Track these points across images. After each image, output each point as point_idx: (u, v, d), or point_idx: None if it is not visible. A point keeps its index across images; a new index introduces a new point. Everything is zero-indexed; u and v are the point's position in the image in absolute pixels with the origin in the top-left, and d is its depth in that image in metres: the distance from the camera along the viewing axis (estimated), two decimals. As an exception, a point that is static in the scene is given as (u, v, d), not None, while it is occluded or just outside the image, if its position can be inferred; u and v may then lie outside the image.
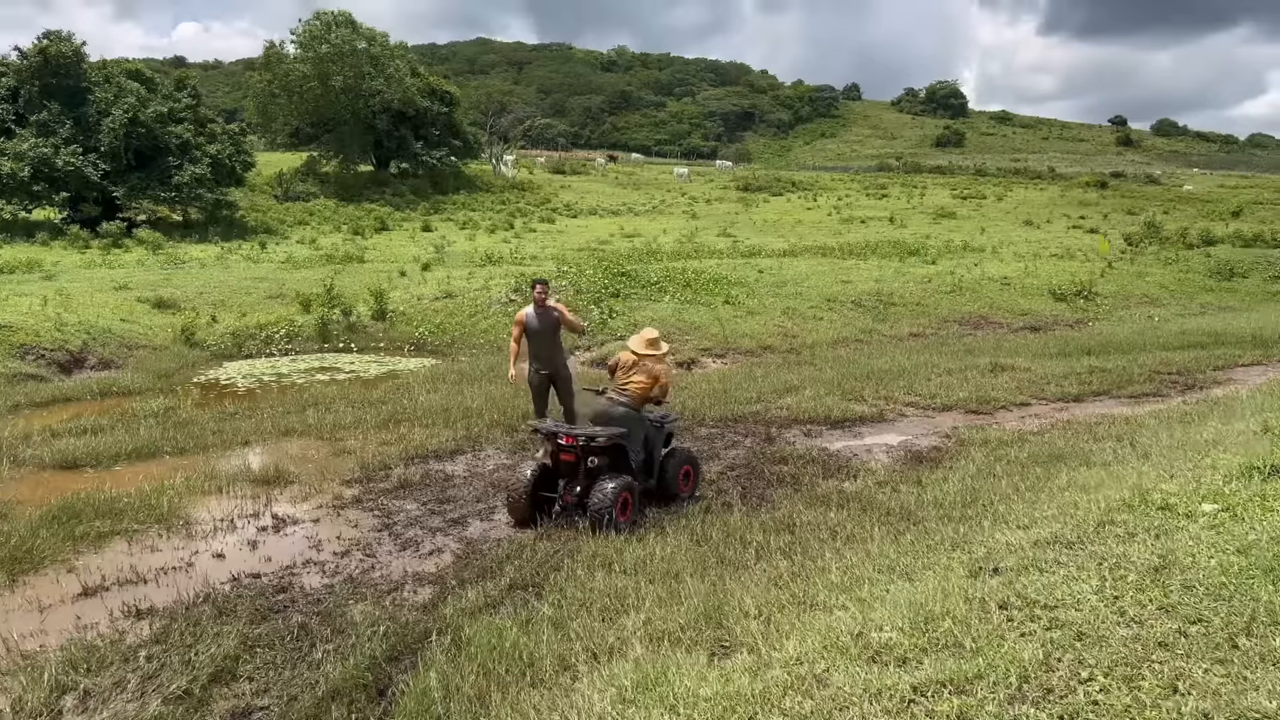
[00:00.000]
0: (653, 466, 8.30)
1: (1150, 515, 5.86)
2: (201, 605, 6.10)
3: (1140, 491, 6.52)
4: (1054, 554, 5.41)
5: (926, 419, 11.89)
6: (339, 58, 57.92)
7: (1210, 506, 5.87)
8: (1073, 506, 6.67)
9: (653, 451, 8.29)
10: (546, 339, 9.95)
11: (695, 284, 21.83)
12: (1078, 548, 5.45)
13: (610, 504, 7.38)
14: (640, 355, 8.26)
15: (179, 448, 10.67)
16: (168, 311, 21.77)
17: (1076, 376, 14.31)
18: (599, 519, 7.33)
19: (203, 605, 6.10)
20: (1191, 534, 5.35)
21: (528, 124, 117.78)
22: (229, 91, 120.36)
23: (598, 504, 7.39)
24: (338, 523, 8.01)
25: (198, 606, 6.08)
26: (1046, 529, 6.03)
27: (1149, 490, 6.49)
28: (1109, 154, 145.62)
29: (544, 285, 10.08)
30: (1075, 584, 4.73)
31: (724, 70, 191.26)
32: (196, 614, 5.93)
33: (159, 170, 41.18)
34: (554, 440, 7.90)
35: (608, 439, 7.68)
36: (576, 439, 7.72)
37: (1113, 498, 6.61)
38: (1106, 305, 23.99)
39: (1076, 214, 59.23)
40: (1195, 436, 9.24)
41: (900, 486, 8.32)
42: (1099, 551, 5.26)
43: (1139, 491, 6.54)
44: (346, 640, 5.48)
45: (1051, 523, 6.31)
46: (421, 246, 37.79)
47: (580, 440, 7.70)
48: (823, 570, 5.94)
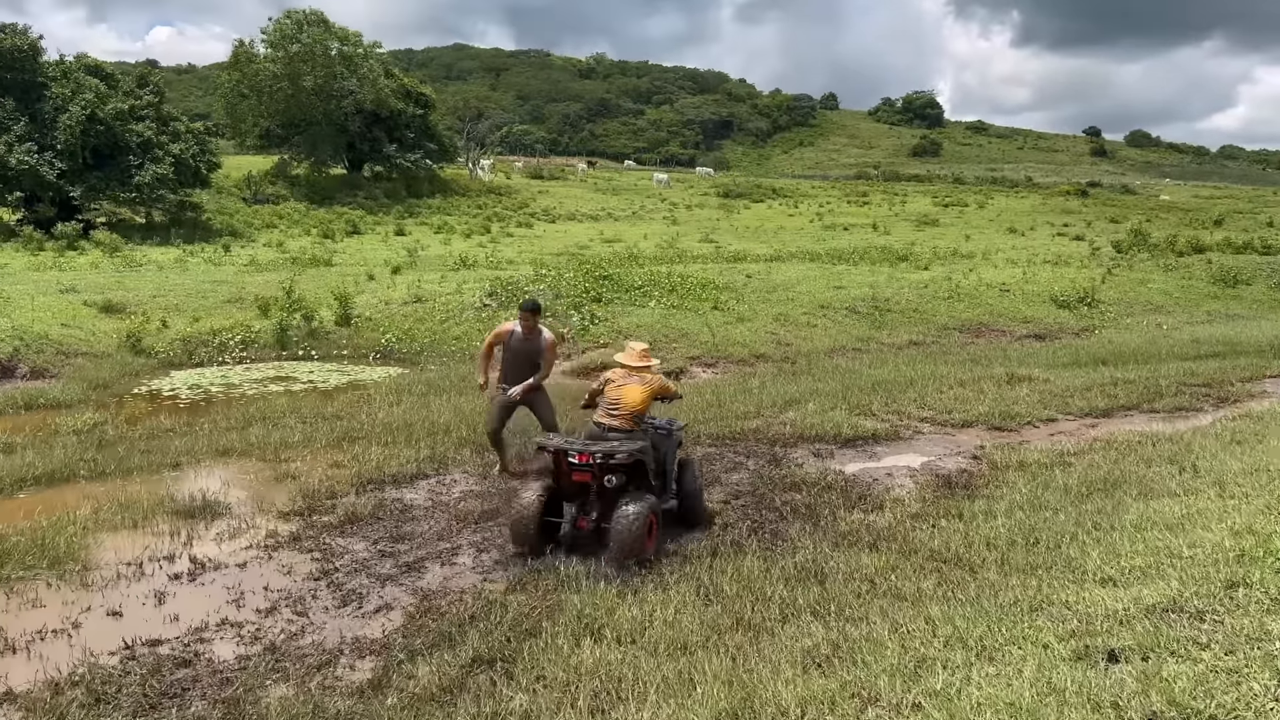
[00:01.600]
0: (667, 482, 7.22)
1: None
2: (74, 689, 4.74)
3: (1256, 536, 5.28)
4: (1183, 629, 4.15)
5: (946, 437, 10.65)
6: (310, 57, 56.24)
7: (1362, 561, 4.65)
8: (1169, 555, 5.43)
9: (666, 464, 7.22)
10: (524, 364, 8.96)
11: (681, 289, 20.57)
12: (1212, 620, 4.20)
13: (639, 531, 6.37)
14: (634, 369, 7.30)
15: (98, 471, 9.26)
16: (115, 316, 20.24)
17: (1100, 389, 13.14)
18: (627, 551, 6.32)
19: (75, 689, 4.74)
20: (1360, 602, 4.13)
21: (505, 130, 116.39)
22: (202, 95, 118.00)
23: (623, 533, 6.35)
24: (267, 568, 6.64)
25: (68, 691, 4.72)
26: (1154, 589, 4.78)
27: (1267, 535, 5.26)
28: (1084, 164, 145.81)
29: (535, 313, 8.89)
30: (1242, 683, 3.48)
31: (702, 79, 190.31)
32: (63, 704, 4.56)
33: (119, 170, 39.42)
34: (564, 458, 6.75)
35: (629, 455, 6.61)
36: (592, 455, 6.62)
37: (1218, 543, 5.38)
38: (1111, 313, 22.93)
39: (1060, 221, 58.60)
40: (1267, 460, 8.04)
41: (939, 521, 7.05)
42: (1246, 628, 4.00)
43: (1254, 536, 5.31)
44: (253, 746, 4.14)
45: (1152, 578, 5.05)
46: (394, 250, 36.33)
47: (597, 457, 6.61)
48: (873, 644, 4.65)
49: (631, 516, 6.38)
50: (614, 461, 6.60)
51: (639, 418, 7.14)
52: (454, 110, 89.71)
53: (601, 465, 6.62)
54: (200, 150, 43.25)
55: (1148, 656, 3.88)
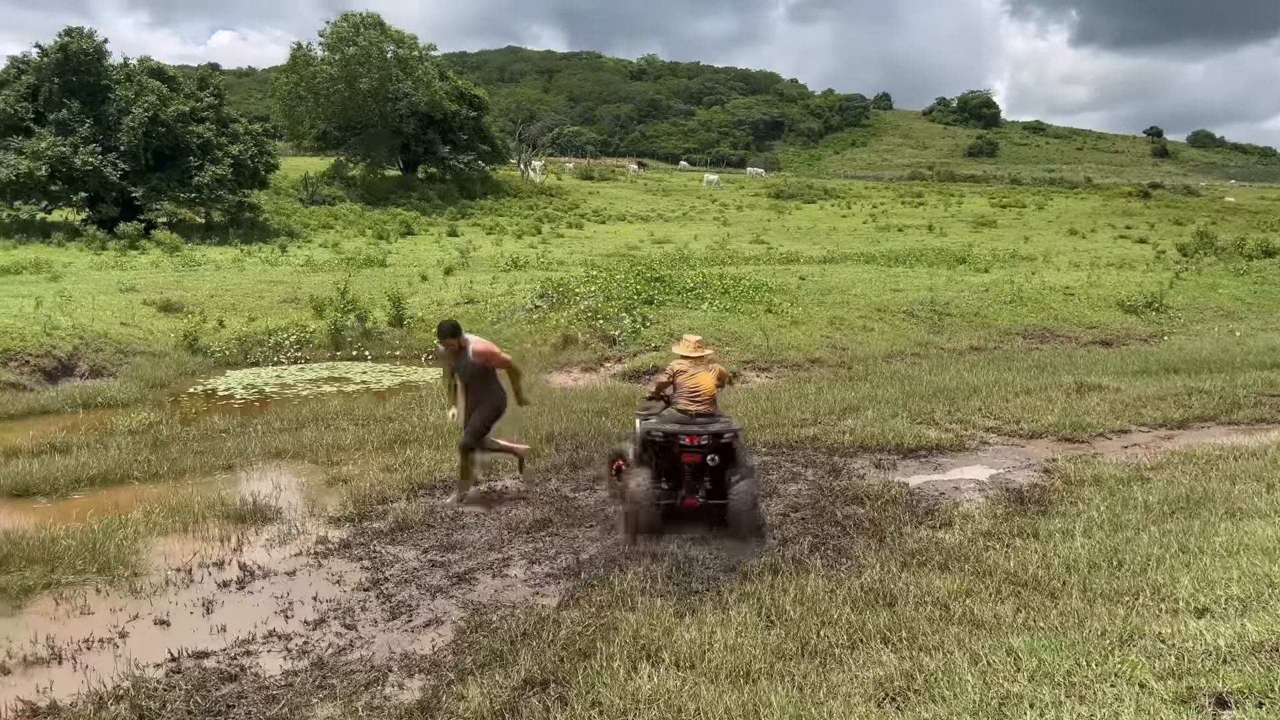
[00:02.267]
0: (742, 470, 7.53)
1: None
2: (118, 704, 4.61)
3: (1370, 567, 4.90)
4: (1298, 671, 3.81)
5: (1015, 448, 10.24)
6: (366, 60, 56.84)
7: None
8: (1270, 584, 5.06)
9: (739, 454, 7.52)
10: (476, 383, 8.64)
11: (734, 291, 20.24)
12: (1332, 662, 3.85)
13: (754, 501, 7.02)
14: (695, 359, 7.70)
15: (151, 472, 9.24)
16: (173, 315, 20.50)
17: (1174, 398, 12.59)
18: (748, 525, 6.94)
19: (119, 704, 4.61)
20: None
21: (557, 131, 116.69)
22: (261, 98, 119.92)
23: (740, 507, 6.94)
24: (317, 576, 6.50)
25: (112, 705, 4.59)
26: (1259, 624, 4.42)
27: (1382, 566, 4.88)
28: (1145, 165, 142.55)
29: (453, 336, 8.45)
30: (1377, 739, 3.14)
31: (753, 79, 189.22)
32: (108, 718, 4.43)
33: (179, 170, 40.19)
34: (675, 441, 7.25)
35: (735, 434, 7.26)
36: (700, 437, 7.19)
37: (1326, 573, 5.00)
38: (1180, 318, 22.15)
39: (1122, 224, 57.23)
40: (1365, 479, 7.58)
41: (1013, 540, 6.70)
42: (1372, 672, 3.65)
43: (1367, 567, 4.92)
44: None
45: (1254, 610, 4.69)
46: (446, 251, 36.52)
47: (704, 438, 7.18)
48: (951, 676, 4.35)
49: (746, 491, 6.95)
50: (722, 441, 7.16)
51: (715, 401, 7.56)
52: (506, 112, 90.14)
53: (709, 445, 7.12)
54: (258, 151, 43.90)
55: (1262, 703, 3.55)
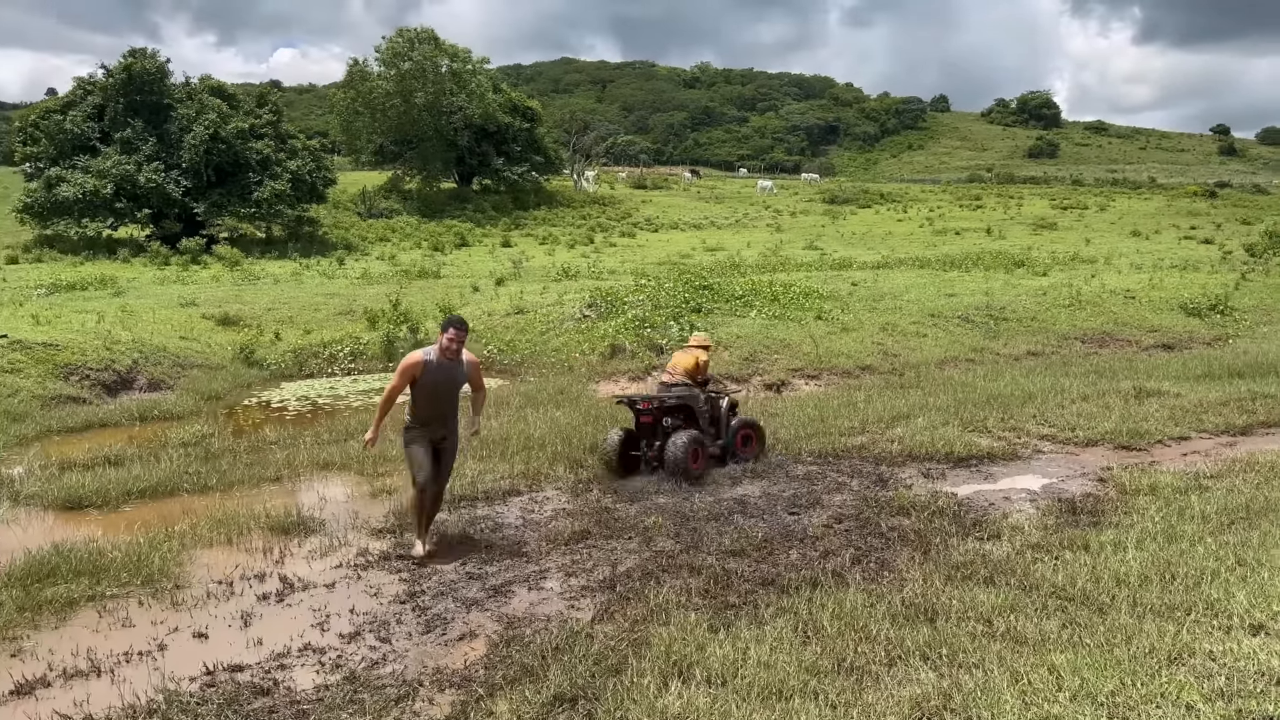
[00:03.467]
0: (720, 429, 9.70)
1: None
2: (150, 718, 4.65)
3: None
4: (1358, 695, 3.60)
5: (1069, 456, 9.96)
6: (421, 74, 57.58)
7: None
8: (1332, 600, 4.81)
9: (718, 417, 9.72)
10: (448, 397, 7.44)
11: (783, 298, 20.08)
12: (1394, 686, 3.64)
13: (683, 454, 8.90)
14: (688, 346, 10.20)
15: (201, 484, 9.40)
16: (231, 328, 20.94)
17: (1237, 403, 12.17)
18: (676, 469, 8.88)
19: (152, 718, 4.65)
20: None
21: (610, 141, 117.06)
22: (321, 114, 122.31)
23: (672, 455, 8.93)
24: (355, 589, 6.53)
25: (145, 719, 4.64)
26: (1319, 643, 4.21)
27: None
28: (1212, 163, 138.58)
29: (461, 331, 7.29)
30: None
31: (808, 84, 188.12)
32: (139, 732, 4.48)
33: (239, 186, 41.06)
34: (633, 406, 9.49)
35: (676, 399, 9.39)
36: (651, 403, 9.37)
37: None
38: (1246, 321, 21.46)
39: (1186, 224, 55.64)
40: None
41: (1062, 553, 6.48)
42: None
43: None
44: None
45: (1315, 628, 4.47)
46: (500, 262, 36.78)
47: (654, 404, 9.37)
48: (990, 696, 4.20)
49: (679, 443, 8.94)
50: (667, 405, 9.35)
51: (691, 376, 9.68)
52: (560, 123, 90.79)
53: (659, 409, 9.31)
54: (316, 166, 44.68)
55: (1317, 729, 3.36)
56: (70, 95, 42.27)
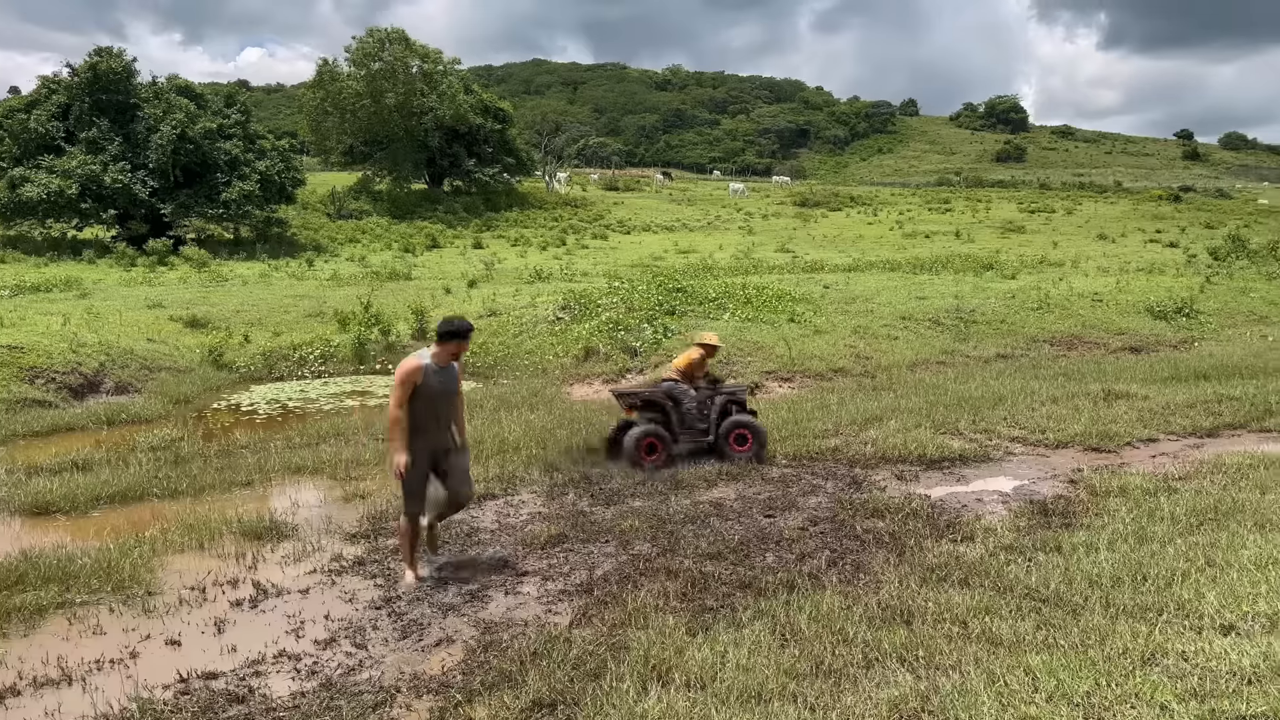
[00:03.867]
0: (709, 427, 9.92)
1: None
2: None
3: (1404, 583, 4.74)
4: (1327, 694, 3.67)
5: (1040, 458, 10.08)
6: (391, 75, 57.25)
7: None
8: (1300, 600, 4.90)
9: (708, 415, 9.94)
10: (449, 402, 6.87)
11: (756, 301, 20.14)
12: (1362, 684, 3.71)
13: (632, 447, 9.47)
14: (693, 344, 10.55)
15: (170, 489, 9.27)
16: (200, 331, 20.67)
17: (1204, 406, 12.37)
18: (627, 459, 9.46)
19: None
20: None
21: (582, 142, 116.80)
22: (289, 114, 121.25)
23: (625, 447, 9.54)
24: (330, 595, 6.47)
25: (118, 728, 4.58)
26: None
27: None
28: (1176, 168, 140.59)
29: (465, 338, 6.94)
30: None
31: (779, 87, 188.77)
32: (112, 741, 4.42)
33: (207, 187, 40.56)
34: (617, 399, 10.23)
35: (648, 395, 10.00)
36: (625, 398, 10.05)
37: (1358, 589, 4.84)
38: (1211, 324, 21.79)
39: (1152, 228, 56.43)
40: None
41: (1035, 554, 6.56)
42: (1404, 695, 3.51)
43: (1401, 583, 4.76)
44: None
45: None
46: (472, 263, 36.62)
47: (628, 399, 10.02)
48: (967, 698, 4.24)
49: (632, 436, 9.52)
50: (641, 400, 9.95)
51: (683, 373, 10.13)
52: (531, 124, 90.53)
53: (634, 403, 9.94)
54: (286, 167, 44.22)
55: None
56: (35, 94, 41.57)
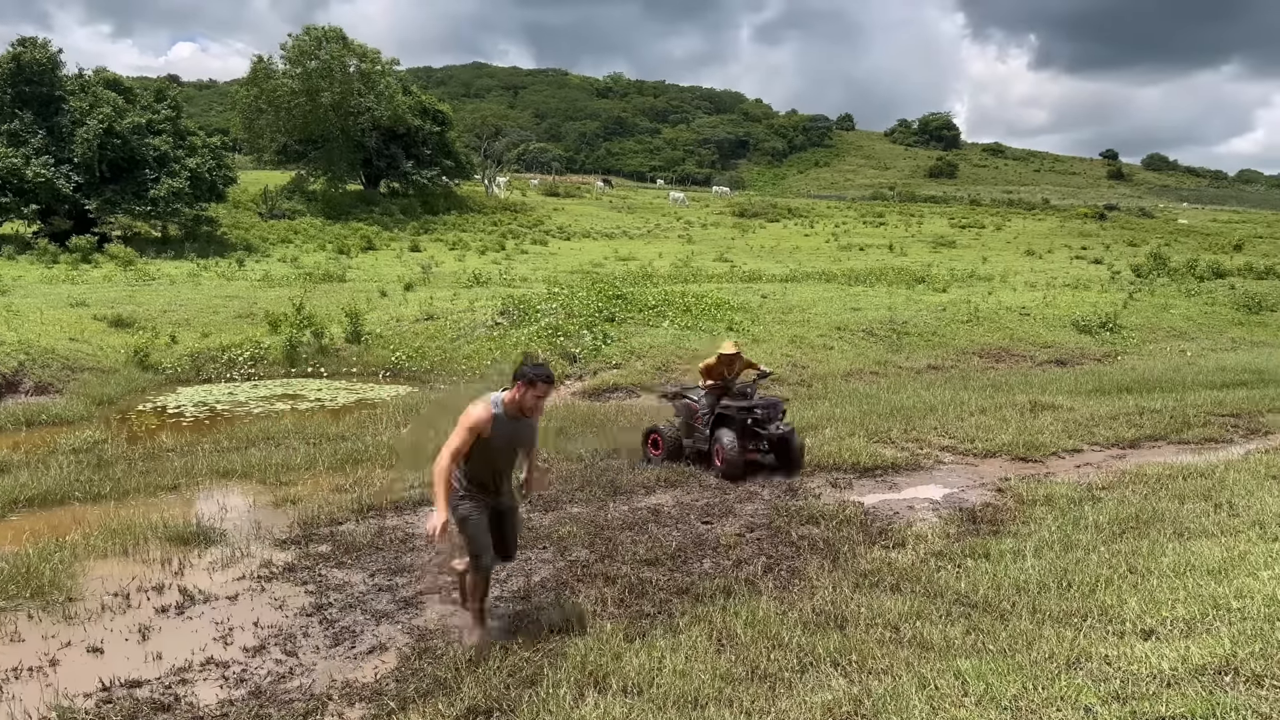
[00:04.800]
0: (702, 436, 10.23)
1: (1350, 631, 4.28)
2: (42, 736, 4.46)
3: (1312, 589, 4.93)
4: (1238, 696, 3.80)
5: (969, 467, 10.30)
6: (328, 74, 56.44)
7: None
8: (1215, 606, 5.08)
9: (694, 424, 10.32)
10: (510, 456, 5.96)
11: (695, 309, 20.26)
12: (1271, 686, 3.86)
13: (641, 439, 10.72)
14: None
15: (93, 493, 9.01)
16: (125, 331, 20.09)
17: (1126, 418, 12.76)
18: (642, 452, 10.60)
19: (44, 737, 4.45)
20: None
21: (522, 147, 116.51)
22: (222, 110, 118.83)
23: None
24: (259, 601, 6.34)
25: (36, 738, 4.43)
26: (1203, 647, 4.43)
27: (1323, 587, 4.92)
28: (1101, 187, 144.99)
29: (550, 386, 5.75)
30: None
31: (719, 98, 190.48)
32: (30, 752, 4.28)
33: (135, 183, 39.52)
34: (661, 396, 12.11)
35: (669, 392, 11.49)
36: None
37: (1270, 594, 5.03)
38: (1134, 338, 22.49)
39: (1078, 244, 58.06)
40: (1310, 499, 7.68)
41: (964, 561, 6.70)
42: (1312, 696, 3.66)
43: (1309, 588, 4.96)
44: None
45: (1199, 633, 4.71)
46: (408, 266, 36.22)
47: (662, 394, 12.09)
48: (899, 701, 4.30)
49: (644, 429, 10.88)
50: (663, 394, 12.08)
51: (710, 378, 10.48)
52: (471, 128, 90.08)
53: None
54: (217, 165, 43.32)
55: (1205, 730, 3.54)
56: (-47, 84, 40.16)
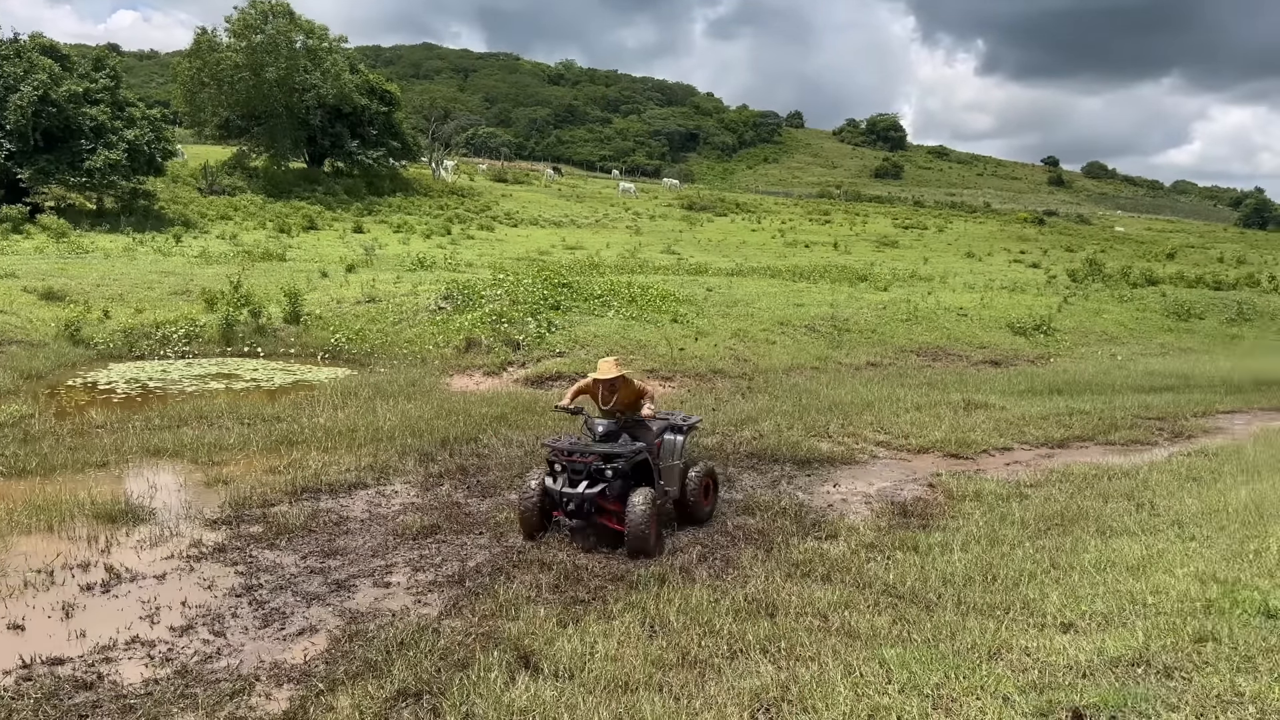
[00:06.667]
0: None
1: (1255, 625, 4.45)
2: (-43, 714, 4.35)
3: (1222, 585, 5.12)
4: (1149, 686, 3.95)
5: (902, 462, 10.49)
6: (274, 49, 55.32)
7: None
8: (1132, 601, 5.25)
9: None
10: None
11: (641, 300, 20.30)
12: (1181, 677, 4.00)
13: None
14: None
15: (18, 468, 8.79)
16: (56, 304, 19.55)
17: (1056, 418, 13.10)
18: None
19: (-42, 714, 4.35)
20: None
21: (471, 131, 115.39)
22: (163, 82, 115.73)
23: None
24: (187, 581, 6.25)
25: (-49, 716, 4.33)
26: (1118, 640, 4.58)
27: (1232, 583, 5.11)
28: (1041, 193, 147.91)
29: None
30: (1216, 752, 3.27)
31: (670, 90, 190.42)
32: (-57, 730, 4.18)
33: (70, 153, 38.32)
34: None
35: None
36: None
37: (1184, 591, 5.21)
38: (1066, 341, 23.04)
39: (1016, 248, 59.17)
40: (1225, 500, 7.96)
41: (894, 553, 6.84)
42: (1216, 687, 3.81)
43: (1219, 584, 5.15)
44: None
45: (1115, 626, 4.87)
46: (351, 248, 35.69)
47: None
48: (824, 688, 4.40)
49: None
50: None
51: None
52: (419, 109, 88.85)
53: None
54: (156, 137, 42.17)
55: (1115, 716, 3.67)
56: (-124, 43, 38.62)
